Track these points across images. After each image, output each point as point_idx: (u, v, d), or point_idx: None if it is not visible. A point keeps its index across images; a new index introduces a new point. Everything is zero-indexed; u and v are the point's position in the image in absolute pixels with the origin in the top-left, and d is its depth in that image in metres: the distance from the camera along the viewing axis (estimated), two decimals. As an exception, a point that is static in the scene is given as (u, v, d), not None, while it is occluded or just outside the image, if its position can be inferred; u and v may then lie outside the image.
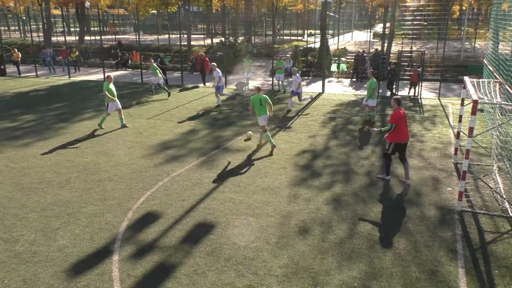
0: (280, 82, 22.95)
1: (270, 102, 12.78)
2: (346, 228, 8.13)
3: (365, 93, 22.38)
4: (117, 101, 14.98)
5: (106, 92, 14.62)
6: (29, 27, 45.16)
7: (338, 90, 23.66)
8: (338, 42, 37.12)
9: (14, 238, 7.69)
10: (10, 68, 29.59)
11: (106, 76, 15.49)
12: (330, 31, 40.67)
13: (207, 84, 24.52)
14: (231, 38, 31.88)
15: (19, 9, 63.09)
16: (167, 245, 7.51)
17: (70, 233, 7.88)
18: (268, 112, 12.69)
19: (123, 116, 15.25)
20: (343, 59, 30.75)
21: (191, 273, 6.69)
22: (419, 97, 21.06)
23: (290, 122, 16.17)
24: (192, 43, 35.66)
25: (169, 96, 20.80)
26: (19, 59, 29.42)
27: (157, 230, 8.02)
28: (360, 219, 8.46)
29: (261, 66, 31.47)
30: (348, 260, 7.07)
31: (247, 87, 23.45)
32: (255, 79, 26.51)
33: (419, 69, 21.71)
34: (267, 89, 23.51)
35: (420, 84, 21.36)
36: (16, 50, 30.50)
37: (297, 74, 17.82)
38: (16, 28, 61.12)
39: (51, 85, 24.71)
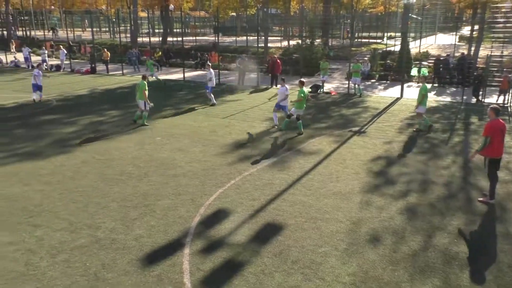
0: (356, 85, 22.45)
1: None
2: (420, 240, 7.75)
3: (447, 99, 21.27)
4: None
5: (145, 92, 15.20)
6: (118, 28, 48.23)
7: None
8: (420, 45, 35.61)
9: (96, 225, 8.23)
10: (100, 67, 31.76)
11: (142, 75, 16.19)
12: (412, 34, 39.09)
13: (278, 86, 24.67)
14: (308, 40, 31.75)
15: (110, 11, 67.58)
16: (236, 242, 7.63)
17: (146, 224, 8.28)
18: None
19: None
20: (424, 63, 29.42)
21: (258, 273, 6.74)
22: (509, 105, 19.58)
23: (365, 126, 15.75)
24: (269, 45, 36.00)
25: (164, 84, 24.97)
26: (108, 58, 31.51)
27: (227, 227, 8.18)
28: (436, 232, 8.03)
29: (338, 69, 31.01)
30: (421, 274, 6.73)
31: (322, 89, 23.22)
32: (331, 82, 26.18)
33: (510, 75, 20.18)
34: (343, 92, 23.12)
35: (510, 92, 19.85)
36: (105, 50, 32.70)
37: (286, 86, 15.39)
38: (107, 29, 65.41)
39: (135, 83, 26.12)
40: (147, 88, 15.45)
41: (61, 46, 35.24)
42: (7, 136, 14.19)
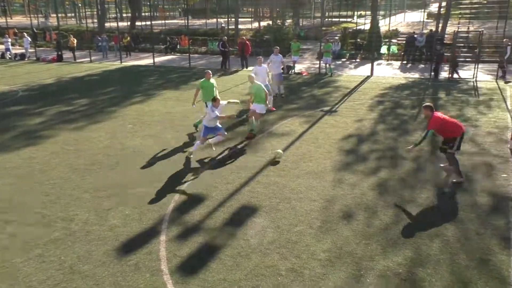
0: (327, 65, 22.59)
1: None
2: (391, 214, 7.96)
3: (416, 75, 21.64)
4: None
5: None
6: (84, 13, 46.83)
7: (388, 73, 22.99)
8: (389, 23, 35.91)
9: (69, 217, 8.11)
10: (67, 54, 30.85)
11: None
12: (381, 12, 39.35)
13: (249, 68, 24.60)
14: (278, 21, 31.62)
15: (75, -4, 65.40)
16: (212, 227, 7.67)
17: (120, 213, 8.21)
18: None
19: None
20: (394, 40, 29.76)
21: (235, 255, 6.81)
22: (474, 80, 20.06)
23: (336, 105, 15.91)
24: (240, 26, 35.66)
25: None
26: (75, 45, 30.59)
27: (202, 212, 8.20)
28: (403, 205, 8.26)
29: (309, 49, 31.04)
30: (393, 247, 6.93)
31: (293, 70, 23.26)
32: (302, 62, 26.23)
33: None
34: (314, 72, 23.23)
35: (476, 66, 20.35)
36: (72, 36, 31.70)
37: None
38: (72, 15, 63.41)
39: (104, 70, 25.61)
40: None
41: (25, 34, 33.92)
42: (-28, 130, 13.73)
